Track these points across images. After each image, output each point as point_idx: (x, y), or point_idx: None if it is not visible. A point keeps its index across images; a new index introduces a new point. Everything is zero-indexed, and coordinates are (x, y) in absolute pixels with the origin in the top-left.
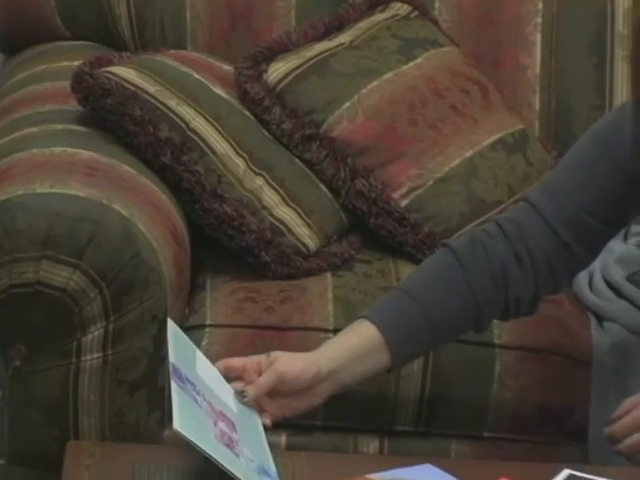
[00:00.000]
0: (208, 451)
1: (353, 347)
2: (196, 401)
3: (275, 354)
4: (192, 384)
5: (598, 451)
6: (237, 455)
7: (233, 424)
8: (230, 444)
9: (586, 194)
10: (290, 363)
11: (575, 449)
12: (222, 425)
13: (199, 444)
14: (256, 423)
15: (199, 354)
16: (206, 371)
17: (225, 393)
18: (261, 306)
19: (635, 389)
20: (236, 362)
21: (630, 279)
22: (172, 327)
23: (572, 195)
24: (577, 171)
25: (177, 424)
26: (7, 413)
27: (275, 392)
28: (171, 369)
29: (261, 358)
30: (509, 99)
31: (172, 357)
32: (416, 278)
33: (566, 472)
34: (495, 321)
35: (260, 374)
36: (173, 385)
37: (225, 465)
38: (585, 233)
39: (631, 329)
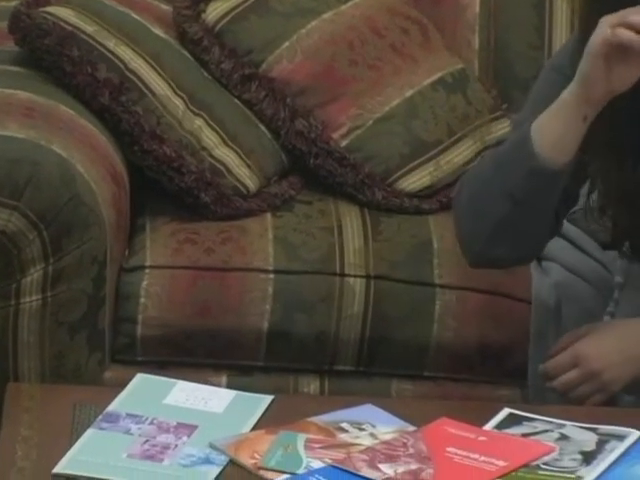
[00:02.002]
0: (98, 476)
1: None
2: (128, 432)
3: None
4: (136, 417)
5: (538, 390)
6: (161, 460)
7: (193, 428)
8: (154, 455)
9: None
10: None
11: (515, 388)
12: (161, 438)
13: (83, 474)
14: (250, 413)
15: (181, 384)
16: (185, 395)
17: (213, 401)
18: (201, 247)
19: (572, 328)
20: None
21: (569, 218)
22: (139, 378)
23: None
24: (541, 110)
25: (58, 468)
26: None
27: None
28: (100, 417)
29: None
30: (448, 38)
31: (111, 407)
32: None
33: (506, 411)
34: (435, 260)
35: None
36: (89, 431)
37: (118, 479)
38: (574, 169)
39: (570, 268)
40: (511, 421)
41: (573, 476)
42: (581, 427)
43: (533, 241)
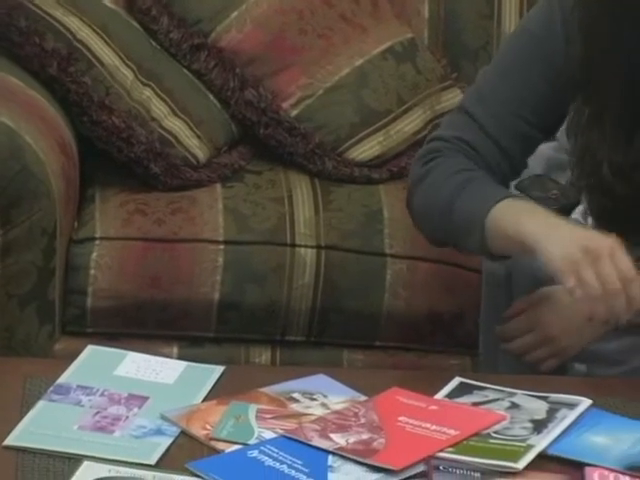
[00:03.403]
0: (49, 448)
1: None
2: (79, 404)
3: None
4: (86, 389)
5: (488, 359)
6: (112, 432)
7: (144, 399)
8: (105, 427)
9: (522, 102)
10: None
11: (466, 357)
12: (112, 409)
13: (34, 446)
14: (201, 384)
15: (132, 355)
16: (136, 366)
17: (164, 373)
18: (151, 218)
19: (521, 296)
20: None
21: (518, 186)
22: (89, 350)
23: (509, 105)
24: (512, 76)
25: (9, 440)
26: None
27: None
28: (50, 389)
29: None
30: (398, 8)
31: (61, 379)
32: None
33: (457, 380)
34: (386, 230)
35: None
36: (40, 403)
37: (69, 450)
38: (523, 141)
39: None
40: (462, 390)
41: (524, 444)
42: (532, 396)
43: None
